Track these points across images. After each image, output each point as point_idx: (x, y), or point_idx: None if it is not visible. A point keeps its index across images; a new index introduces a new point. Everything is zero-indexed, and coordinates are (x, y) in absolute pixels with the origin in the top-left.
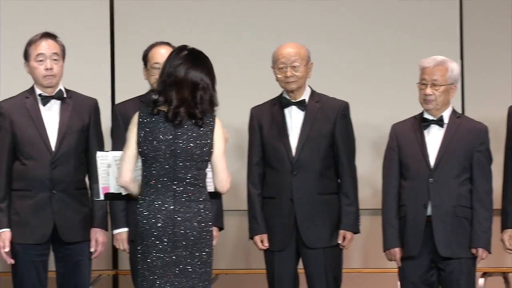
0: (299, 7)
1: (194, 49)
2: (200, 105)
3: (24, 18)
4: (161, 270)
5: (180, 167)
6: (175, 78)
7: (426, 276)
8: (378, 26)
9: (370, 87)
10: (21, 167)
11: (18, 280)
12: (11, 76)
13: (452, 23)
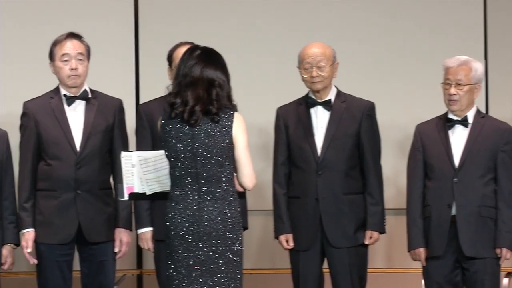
0: (324, 6)
1: (206, 48)
2: (216, 102)
3: (49, 18)
4: (187, 269)
5: (201, 166)
6: (190, 78)
7: (450, 276)
8: (403, 26)
9: (395, 87)
10: (46, 167)
11: (43, 280)
12: (35, 76)
13: (477, 23)
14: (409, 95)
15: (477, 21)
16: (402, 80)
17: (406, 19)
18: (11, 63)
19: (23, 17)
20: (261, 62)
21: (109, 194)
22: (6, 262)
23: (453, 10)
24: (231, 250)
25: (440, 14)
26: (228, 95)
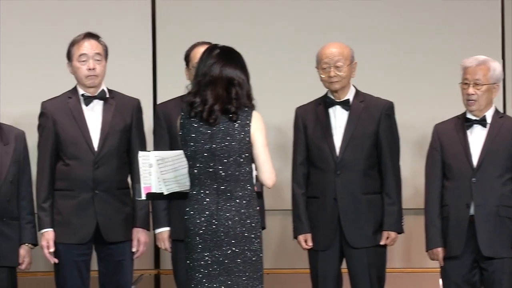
0: (343, 6)
1: (225, 47)
2: (235, 100)
3: (66, 18)
4: (206, 269)
5: (220, 165)
6: (210, 78)
7: (468, 276)
8: (421, 26)
9: (413, 87)
10: (64, 167)
11: (61, 279)
12: (52, 76)
13: (494, 23)
14: (427, 95)
15: (494, 20)
16: (420, 80)
17: (424, 19)
18: (29, 62)
19: (40, 17)
20: (279, 62)
21: (127, 194)
22: (23, 262)
23: (471, 10)
24: (250, 249)
25: (457, 14)
26: (248, 93)
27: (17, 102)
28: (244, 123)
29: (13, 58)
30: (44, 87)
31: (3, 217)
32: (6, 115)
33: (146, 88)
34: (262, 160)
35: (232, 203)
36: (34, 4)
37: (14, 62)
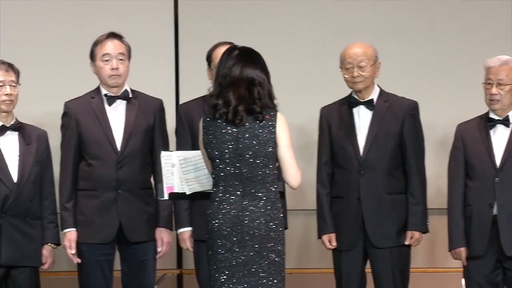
0: (366, 6)
1: (244, 48)
2: (258, 100)
3: (89, 18)
4: (230, 270)
5: (246, 166)
6: (230, 79)
7: (491, 276)
8: (444, 26)
9: (436, 87)
10: (87, 167)
11: (84, 279)
12: (75, 76)
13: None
14: (450, 94)
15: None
16: (443, 80)
17: (448, 19)
18: (52, 62)
19: (63, 17)
20: (302, 62)
21: (150, 194)
22: (46, 262)
23: (494, 10)
24: (274, 251)
25: (480, 14)
26: (269, 93)
27: (41, 102)
28: (270, 124)
29: (37, 58)
30: (67, 87)
31: (26, 217)
32: (30, 115)
33: (169, 88)
34: (287, 161)
35: (257, 204)
36: (57, 4)
37: (37, 62)
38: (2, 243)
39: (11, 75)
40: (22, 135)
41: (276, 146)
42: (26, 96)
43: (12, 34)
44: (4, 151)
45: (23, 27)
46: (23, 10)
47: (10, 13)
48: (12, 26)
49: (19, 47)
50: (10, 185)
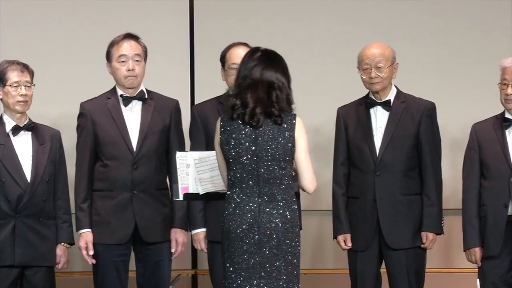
0: (384, 7)
1: (267, 50)
2: (276, 103)
3: (104, 19)
4: (247, 272)
5: (263, 168)
6: (250, 80)
7: (506, 276)
8: (460, 27)
9: (452, 87)
10: (103, 168)
11: (99, 280)
12: (90, 77)
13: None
14: (466, 95)
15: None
16: (459, 80)
17: (464, 20)
18: (68, 63)
19: (79, 18)
20: (320, 62)
21: (165, 195)
22: (60, 261)
23: (508, 10)
24: (290, 252)
25: (496, 15)
26: (288, 98)
27: (56, 102)
28: (289, 128)
29: (52, 59)
30: (83, 87)
31: (40, 217)
32: (45, 115)
33: (183, 89)
34: (304, 166)
35: (274, 206)
36: (72, 5)
37: (53, 62)
38: (16, 243)
39: (26, 75)
40: (35, 135)
41: (294, 150)
42: (42, 97)
43: (27, 35)
44: (18, 151)
45: (39, 27)
46: (38, 11)
47: (26, 14)
48: (28, 26)
49: (34, 47)
50: (23, 185)
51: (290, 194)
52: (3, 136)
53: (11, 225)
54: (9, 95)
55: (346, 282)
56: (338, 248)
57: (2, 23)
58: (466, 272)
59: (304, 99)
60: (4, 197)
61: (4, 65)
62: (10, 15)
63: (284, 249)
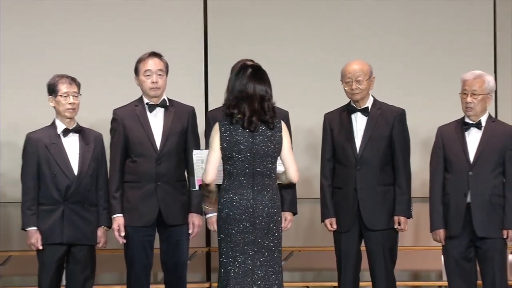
0: (363, 32)
1: (255, 66)
2: (268, 112)
3: (130, 40)
4: (243, 247)
5: (258, 163)
6: (246, 94)
7: (465, 253)
8: (426, 45)
9: (420, 97)
10: (132, 164)
11: (130, 256)
12: (122, 88)
13: (488, 43)
14: (433, 102)
15: (488, 41)
16: (426, 90)
17: (430, 40)
18: (103, 76)
19: (112, 40)
20: (312, 77)
21: (184, 185)
22: (100, 241)
23: (468, 33)
24: (275, 229)
25: (457, 37)
26: (272, 106)
27: (93, 109)
28: (278, 130)
29: (90, 73)
30: (115, 97)
31: (84, 204)
32: (84, 120)
33: (199, 97)
34: (289, 161)
35: (264, 194)
36: (107, 30)
37: (91, 76)
38: (64, 225)
39: (73, 87)
40: (82, 136)
41: (281, 148)
42: (82, 105)
43: (76, 55)
44: (67, 149)
45: (85, 51)
46: (81, 36)
47: (74, 37)
48: (77, 48)
49: (80, 65)
50: (71, 177)
51: (275, 184)
52: (55, 137)
53: (60, 210)
54: (60, 103)
55: (333, 258)
56: (325, 229)
57: (53, 45)
58: (432, 250)
59: (298, 106)
60: (55, 187)
61: (56, 78)
62: (61, 38)
63: (271, 227)
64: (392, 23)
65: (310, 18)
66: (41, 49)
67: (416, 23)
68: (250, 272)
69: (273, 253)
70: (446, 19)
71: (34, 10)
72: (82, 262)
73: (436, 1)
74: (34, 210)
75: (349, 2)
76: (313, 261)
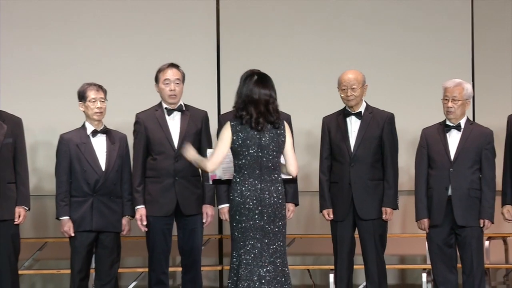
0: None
1: (260, 73)
2: (274, 114)
3: (152, 52)
4: (252, 232)
5: (264, 157)
6: (252, 98)
7: (447, 239)
8: (414, 56)
9: (407, 103)
10: (152, 161)
11: (151, 242)
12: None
13: (466, 55)
14: (417, 107)
15: (466, 53)
16: (413, 97)
17: (416, 52)
18: (126, 85)
19: (132, 51)
20: (312, 86)
21: (198, 180)
22: (125, 229)
23: (449, 46)
24: (281, 215)
25: (439, 50)
26: (276, 108)
27: (118, 113)
28: (281, 129)
29: (115, 82)
30: (138, 102)
31: (111, 196)
32: (111, 122)
33: (212, 103)
34: (290, 156)
35: (270, 185)
36: (131, 43)
37: (116, 84)
38: (93, 214)
39: (100, 93)
40: (108, 137)
41: (284, 145)
42: (109, 109)
43: (103, 66)
44: (95, 148)
45: (111, 62)
46: (109, 49)
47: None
48: (104, 60)
49: (106, 75)
50: (99, 173)
51: (279, 176)
52: (85, 137)
53: (90, 201)
54: (88, 108)
55: (330, 244)
56: (323, 219)
57: (83, 58)
58: (417, 237)
59: (299, 111)
60: (85, 181)
61: (85, 86)
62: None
63: (277, 214)
64: (383, 39)
65: (311, 34)
66: (73, 61)
67: (403, 39)
68: (259, 254)
69: (278, 238)
70: (429, 34)
71: (67, 28)
72: (109, 247)
73: (421, 20)
74: (66, 202)
75: (344, 22)
76: (312, 247)
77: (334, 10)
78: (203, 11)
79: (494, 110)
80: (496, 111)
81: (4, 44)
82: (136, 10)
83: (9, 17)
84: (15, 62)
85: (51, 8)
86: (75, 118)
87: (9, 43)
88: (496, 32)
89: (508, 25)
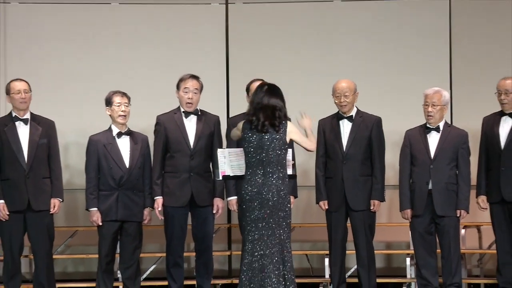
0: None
1: (270, 84)
2: (278, 119)
3: (169, 64)
4: (255, 223)
5: (267, 156)
6: (261, 105)
7: (428, 228)
8: (399, 64)
9: (393, 108)
10: (171, 158)
11: (169, 230)
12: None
13: (444, 66)
14: (401, 112)
15: (444, 64)
16: (397, 103)
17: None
18: (146, 90)
19: (153, 62)
20: (310, 93)
21: (210, 176)
22: (146, 219)
23: (429, 58)
24: (282, 209)
25: (420, 61)
26: (285, 114)
27: (141, 117)
28: (283, 131)
29: (138, 89)
30: (157, 107)
31: (134, 190)
32: (134, 126)
33: (222, 108)
34: (300, 139)
35: (272, 180)
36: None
37: (139, 91)
38: (118, 206)
39: (125, 99)
40: (132, 138)
41: (286, 142)
42: (132, 113)
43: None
44: (120, 148)
45: (134, 71)
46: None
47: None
48: (128, 70)
49: (130, 83)
50: (124, 169)
51: (283, 172)
52: (111, 138)
53: (115, 195)
54: (114, 111)
55: (325, 232)
56: (319, 209)
57: (109, 68)
58: (401, 226)
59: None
60: (111, 176)
61: (111, 93)
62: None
63: (278, 207)
64: (373, 54)
65: (311, 50)
66: (100, 71)
67: (390, 53)
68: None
69: (281, 225)
70: (412, 49)
71: (95, 42)
72: (132, 235)
73: (405, 36)
74: (95, 195)
75: (339, 39)
76: (309, 234)
77: (331, 28)
78: (214, 28)
79: (469, 114)
80: (471, 115)
81: (40, 57)
82: (156, 27)
83: (43, 33)
84: (50, 73)
85: (81, 25)
86: (102, 122)
87: (44, 56)
88: (472, 46)
89: (482, 39)
